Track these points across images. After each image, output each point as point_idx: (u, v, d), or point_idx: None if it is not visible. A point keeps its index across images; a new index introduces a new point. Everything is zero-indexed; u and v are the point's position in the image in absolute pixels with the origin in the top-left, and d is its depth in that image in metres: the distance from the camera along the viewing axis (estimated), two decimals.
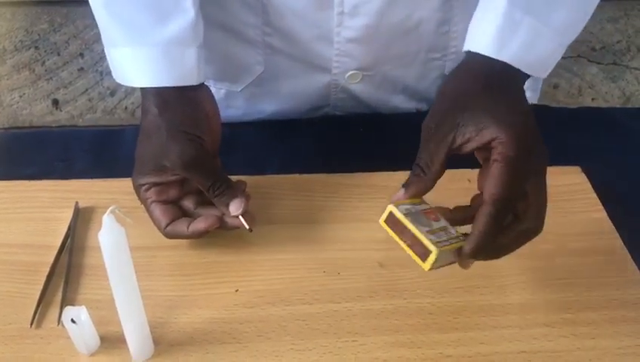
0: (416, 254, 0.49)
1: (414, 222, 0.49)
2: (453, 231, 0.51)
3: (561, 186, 0.69)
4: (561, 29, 0.57)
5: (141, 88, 0.60)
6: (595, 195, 0.68)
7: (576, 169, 0.71)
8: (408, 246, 0.49)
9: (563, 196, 0.68)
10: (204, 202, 0.61)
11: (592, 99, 1.59)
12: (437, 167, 0.52)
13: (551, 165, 0.70)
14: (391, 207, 0.50)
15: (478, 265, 0.60)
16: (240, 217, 0.59)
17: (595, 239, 0.63)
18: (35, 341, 0.54)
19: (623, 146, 0.76)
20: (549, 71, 0.61)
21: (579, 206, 0.67)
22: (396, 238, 0.50)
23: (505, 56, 0.54)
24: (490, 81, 0.54)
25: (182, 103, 0.59)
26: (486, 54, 0.54)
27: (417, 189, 0.53)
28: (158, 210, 0.59)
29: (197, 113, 0.60)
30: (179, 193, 0.61)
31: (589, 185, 0.69)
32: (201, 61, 0.61)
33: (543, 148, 0.53)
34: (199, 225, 0.58)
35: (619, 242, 0.63)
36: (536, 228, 0.52)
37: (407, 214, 0.50)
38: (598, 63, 1.53)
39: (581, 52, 1.51)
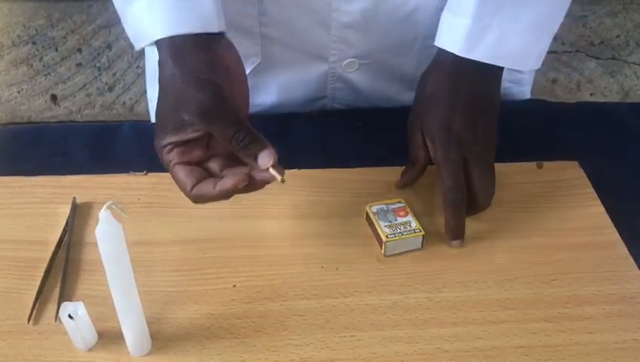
0: (378, 243, 0.61)
1: (380, 218, 0.62)
2: (414, 225, 0.61)
3: (559, 181, 0.69)
4: (532, 25, 0.63)
5: (157, 46, 0.56)
6: (592, 190, 0.68)
7: (574, 164, 0.71)
8: (375, 237, 0.62)
9: (561, 191, 0.68)
10: (232, 164, 0.56)
11: (591, 94, 1.59)
12: (422, 160, 0.64)
13: (549, 160, 0.71)
14: (367, 207, 0.63)
15: (476, 262, 0.61)
16: (270, 169, 0.53)
17: (593, 234, 0.63)
18: (33, 336, 0.54)
19: (622, 141, 0.76)
20: (537, 63, 0.64)
21: (576, 201, 0.67)
22: (372, 232, 0.63)
23: (475, 55, 0.61)
24: (453, 80, 0.62)
25: (197, 50, 0.54)
26: (458, 54, 0.62)
27: (409, 177, 0.66)
28: (182, 171, 0.54)
29: (214, 60, 0.55)
30: (204, 154, 0.55)
31: (586, 180, 0.69)
32: (219, 10, 0.57)
33: (486, 136, 0.62)
34: (226, 182, 0.53)
35: (616, 237, 0.63)
36: (484, 206, 0.63)
37: (377, 212, 0.63)
38: (597, 58, 1.53)
39: (580, 47, 1.50)
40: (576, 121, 0.78)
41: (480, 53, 0.61)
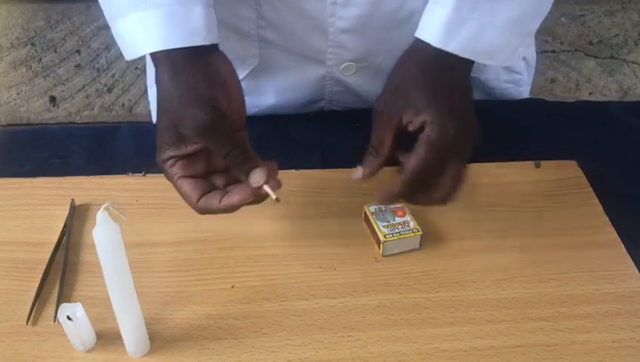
0: (376, 243, 0.61)
1: (378, 218, 0.62)
2: (412, 224, 0.61)
3: (558, 180, 0.69)
4: (509, 23, 0.61)
5: (153, 59, 0.57)
6: (591, 189, 0.68)
7: (573, 163, 0.71)
8: (373, 237, 0.62)
9: (559, 190, 0.68)
10: (234, 179, 0.57)
11: (590, 93, 1.59)
12: (387, 148, 0.59)
13: (547, 159, 0.71)
14: (365, 207, 0.63)
15: (473, 261, 0.61)
16: (265, 187, 0.55)
17: (591, 233, 0.63)
18: (31, 338, 0.54)
19: (620, 140, 0.76)
20: (508, 60, 0.64)
21: (574, 200, 0.67)
22: (370, 232, 0.63)
23: (451, 47, 0.59)
24: (432, 68, 0.59)
25: (194, 67, 0.55)
26: (434, 45, 0.59)
27: (372, 168, 0.60)
28: (186, 185, 0.55)
29: (211, 76, 0.55)
30: (206, 167, 0.57)
31: (585, 180, 0.69)
32: (210, 20, 0.57)
33: (470, 135, 0.58)
34: (233, 198, 0.55)
35: (614, 236, 0.63)
36: (443, 199, 0.58)
37: (375, 212, 0.63)
38: (596, 57, 1.53)
39: (578, 46, 1.51)
40: (575, 120, 0.78)
41: (456, 46, 0.60)
